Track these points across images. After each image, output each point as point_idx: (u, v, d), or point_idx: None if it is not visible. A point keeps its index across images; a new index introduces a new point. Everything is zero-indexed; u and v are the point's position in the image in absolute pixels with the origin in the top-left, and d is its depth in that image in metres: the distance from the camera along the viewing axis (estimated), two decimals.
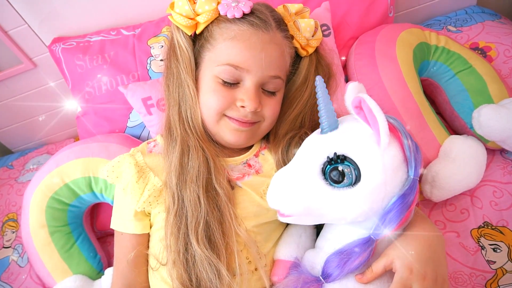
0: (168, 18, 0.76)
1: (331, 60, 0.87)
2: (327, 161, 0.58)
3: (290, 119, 0.78)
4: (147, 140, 0.85)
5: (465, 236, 0.80)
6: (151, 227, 0.75)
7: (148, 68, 1.01)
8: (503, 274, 0.75)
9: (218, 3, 0.72)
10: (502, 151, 0.90)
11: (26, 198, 0.93)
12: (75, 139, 1.30)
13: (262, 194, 0.71)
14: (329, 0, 0.99)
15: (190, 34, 0.74)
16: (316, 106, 0.67)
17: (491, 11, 1.21)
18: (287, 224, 0.75)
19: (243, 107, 0.70)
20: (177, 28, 0.74)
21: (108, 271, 0.85)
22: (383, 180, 0.56)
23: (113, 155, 0.79)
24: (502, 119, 0.80)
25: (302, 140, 0.66)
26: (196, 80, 0.74)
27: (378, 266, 0.58)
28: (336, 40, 0.98)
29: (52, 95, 1.23)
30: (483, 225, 0.80)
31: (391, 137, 0.57)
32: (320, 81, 0.59)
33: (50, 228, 0.90)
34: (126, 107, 1.00)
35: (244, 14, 0.70)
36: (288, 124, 0.78)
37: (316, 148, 0.60)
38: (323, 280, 0.60)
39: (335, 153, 0.57)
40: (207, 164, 0.70)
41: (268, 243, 0.72)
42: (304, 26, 0.77)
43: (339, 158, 0.57)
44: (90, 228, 1.00)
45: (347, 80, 0.98)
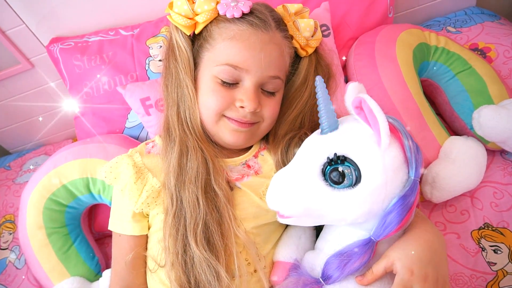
0: (167, 18, 0.75)
1: (331, 61, 0.86)
2: (327, 161, 0.57)
3: (290, 120, 0.77)
4: (146, 140, 0.84)
5: (465, 238, 0.80)
6: (149, 229, 0.74)
7: (146, 68, 1.01)
8: (504, 276, 0.75)
9: (217, 2, 0.72)
10: (502, 152, 0.90)
11: (23, 199, 0.92)
12: (73, 140, 1.30)
13: (262, 195, 0.70)
14: (328, 0, 0.99)
15: (189, 34, 0.74)
16: (315, 107, 0.67)
17: (491, 12, 1.21)
18: (287, 226, 0.74)
19: (242, 107, 0.70)
20: (175, 28, 0.74)
21: (106, 273, 0.84)
22: (383, 181, 0.56)
23: (111, 156, 0.79)
24: (502, 119, 0.80)
25: (302, 140, 0.66)
26: (195, 80, 0.74)
27: (378, 268, 0.57)
28: (335, 41, 0.98)
29: (50, 95, 1.22)
30: (483, 226, 0.80)
31: (391, 137, 0.56)
32: (320, 81, 0.58)
33: (47, 230, 0.89)
34: (124, 107, 1.00)
35: (243, 14, 0.70)
36: (288, 125, 0.77)
37: (316, 148, 0.60)
38: (323, 282, 0.59)
39: (335, 153, 0.57)
40: (206, 165, 0.69)
41: (267, 244, 0.71)
42: (304, 26, 0.77)
43: (339, 159, 0.57)
44: (88, 229, 1.00)
45: (347, 81, 0.98)
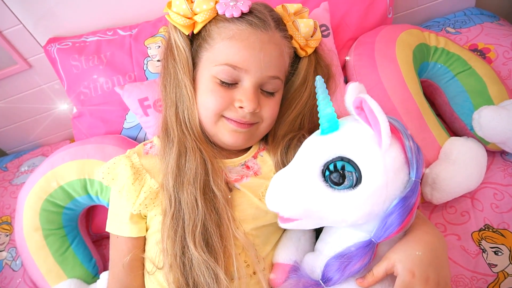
0: (165, 18, 0.75)
1: (330, 61, 0.85)
2: (327, 162, 0.57)
3: (289, 120, 0.77)
4: (144, 141, 0.84)
5: (465, 239, 0.80)
6: (147, 230, 0.74)
7: (145, 68, 1.00)
8: (505, 278, 0.74)
9: (216, 2, 0.71)
10: (502, 153, 0.89)
11: (20, 201, 0.91)
12: (71, 141, 1.29)
13: (261, 196, 0.70)
14: (328, 0, 0.99)
15: (187, 34, 0.73)
16: (315, 107, 0.66)
17: (490, 12, 1.21)
18: None
19: (241, 107, 0.69)
20: (174, 27, 0.73)
21: (104, 275, 0.83)
22: (384, 182, 0.55)
23: (109, 157, 0.78)
24: (502, 120, 0.79)
25: (301, 141, 0.65)
26: (193, 80, 0.73)
27: (379, 270, 0.57)
28: (335, 41, 0.98)
29: (47, 96, 1.22)
30: (484, 227, 0.80)
31: (392, 138, 0.56)
32: (320, 81, 0.58)
33: (44, 231, 0.89)
34: (122, 108, 0.99)
35: (242, 14, 0.70)
36: (287, 125, 0.77)
37: (316, 149, 0.59)
38: (323, 284, 0.59)
39: (335, 154, 0.56)
40: (204, 166, 0.69)
41: (266, 246, 0.71)
42: (303, 26, 0.76)
43: (339, 160, 0.56)
44: (85, 231, 0.99)
45: (346, 81, 0.97)
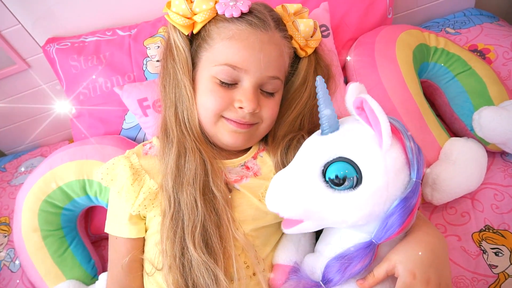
0: (165, 18, 0.74)
1: (330, 61, 0.85)
2: (327, 163, 0.56)
3: (289, 121, 0.76)
4: (143, 142, 0.83)
5: (466, 240, 0.79)
6: (146, 231, 0.73)
7: (144, 69, 1.00)
8: (506, 279, 0.74)
9: (216, 2, 0.71)
10: (502, 154, 0.89)
11: (18, 202, 0.91)
12: (70, 141, 1.29)
13: (261, 197, 0.69)
14: (328, 0, 0.98)
15: (187, 34, 0.73)
16: (315, 108, 0.66)
17: (489, 13, 1.21)
18: None
19: (241, 108, 0.69)
20: (173, 27, 0.73)
21: (103, 276, 0.83)
22: (385, 182, 0.55)
23: (108, 158, 0.78)
24: (503, 121, 0.79)
25: (301, 142, 0.65)
26: (193, 80, 0.73)
27: (380, 271, 0.56)
28: (335, 41, 0.97)
29: (45, 96, 1.21)
30: (484, 228, 0.79)
31: (393, 138, 0.55)
32: (320, 81, 0.57)
33: (43, 232, 0.88)
34: (121, 108, 0.99)
35: (242, 14, 0.69)
36: (287, 126, 0.76)
37: (316, 149, 0.59)
38: (323, 285, 0.58)
39: (335, 155, 0.56)
40: (204, 167, 0.68)
41: (266, 247, 0.70)
42: (303, 27, 0.76)
43: (340, 160, 0.56)
44: (84, 232, 0.98)
45: (346, 82, 0.97)
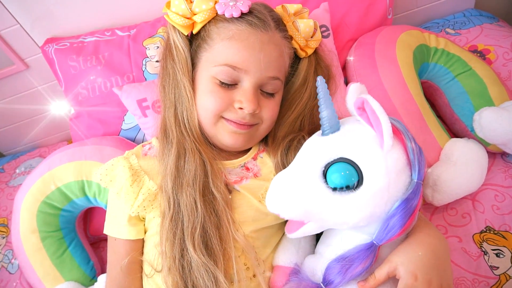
0: (164, 18, 0.74)
1: (330, 62, 0.85)
2: (328, 164, 0.56)
3: (289, 122, 0.76)
4: (142, 142, 0.83)
5: (467, 241, 0.79)
6: (145, 233, 0.73)
7: (143, 69, 0.99)
8: (507, 280, 0.74)
9: (216, 2, 0.71)
10: (503, 155, 0.89)
11: (16, 203, 0.90)
12: (68, 142, 1.28)
13: (261, 198, 0.69)
14: (328, 1, 0.98)
15: (186, 34, 0.73)
16: (315, 108, 0.66)
17: (489, 14, 1.20)
18: None
19: (241, 108, 0.69)
20: (173, 27, 0.73)
21: (101, 278, 0.83)
22: (386, 183, 0.55)
23: (107, 158, 0.77)
24: (503, 121, 0.79)
25: (302, 143, 0.64)
26: (192, 81, 0.73)
27: (381, 273, 0.56)
28: (335, 42, 0.97)
29: (44, 97, 1.21)
30: (485, 229, 0.79)
31: (394, 139, 0.55)
32: (321, 81, 0.57)
33: (41, 233, 0.88)
34: (120, 109, 0.99)
35: (242, 14, 0.69)
36: (287, 127, 0.76)
37: (317, 150, 0.58)
38: (324, 287, 0.58)
39: (336, 155, 0.56)
40: (204, 167, 0.68)
41: (266, 248, 0.70)
42: (303, 27, 0.76)
43: (340, 161, 0.55)
44: (83, 233, 0.98)
45: (347, 82, 0.97)
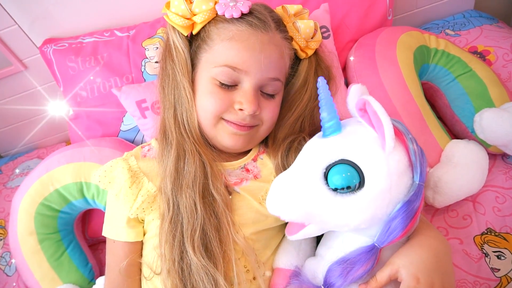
0: (164, 19, 0.74)
1: (331, 63, 0.85)
2: (329, 165, 0.56)
3: (290, 123, 0.76)
4: (141, 144, 0.83)
5: (468, 243, 0.79)
6: (144, 235, 0.72)
7: (142, 70, 0.99)
8: (508, 282, 0.73)
9: (216, 2, 0.70)
10: (503, 156, 0.89)
11: (14, 204, 0.90)
12: (67, 143, 1.28)
13: (261, 200, 0.69)
14: (328, 1, 0.98)
15: (186, 35, 0.72)
16: (316, 109, 0.65)
17: (489, 15, 1.21)
18: None
19: (241, 110, 0.68)
20: (173, 28, 0.72)
21: (100, 280, 0.82)
22: (387, 185, 0.54)
23: (105, 160, 0.77)
24: (504, 123, 0.79)
25: (302, 144, 0.64)
26: (192, 82, 0.72)
27: (382, 275, 0.56)
28: (335, 43, 0.97)
29: (43, 97, 1.20)
30: (486, 231, 0.79)
31: (396, 141, 0.55)
32: (322, 82, 0.57)
33: (39, 236, 0.87)
34: (119, 110, 0.98)
35: (242, 14, 0.69)
36: (288, 128, 0.76)
37: (318, 152, 0.58)
38: None
39: (337, 157, 0.55)
40: (203, 169, 0.68)
41: (267, 250, 0.70)
42: (304, 28, 0.75)
43: (342, 163, 0.55)
44: (82, 235, 0.97)
45: (347, 83, 0.96)
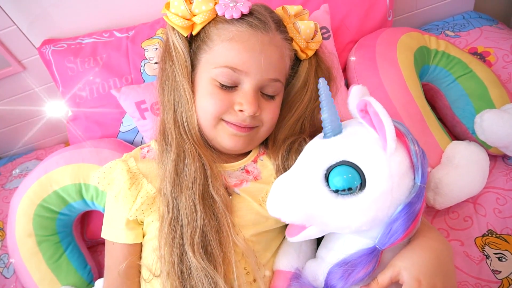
0: (163, 20, 0.73)
1: (331, 64, 0.84)
2: (330, 167, 0.55)
3: (290, 124, 0.75)
4: (141, 145, 0.82)
5: (469, 245, 0.78)
6: (144, 237, 0.72)
7: (142, 71, 0.98)
8: (509, 284, 0.73)
9: (216, 3, 0.70)
10: (504, 157, 0.88)
11: (13, 206, 0.89)
12: (66, 144, 1.27)
13: (261, 202, 0.68)
14: (328, 2, 0.98)
15: (186, 35, 0.72)
16: (316, 111, 0.65)
17: (488, 16, 1.21)
18: None
19: (241, 111, 0.68)
20: (172, 29, 0.72)
21: (99, 283, 0.82)
22: (389, 187, 0.54)
23: (104, 161, 0.76)
24: (505, 124, 0.78)
25: (302, 145, 0.64)
26: (192, 83, 0.72)
27: (384, 278, 0.55)
28: (335, 43, 0.97)
29: (41, 98, 1.20)
30: (487, 233, 0.78)
31: (397, 142, 0.54)
32: (323, 83, 0.56)
33: (37, 237, 0.87)
34: (118, 111, 0.98)
35: (242, 15, 0.68)
36: (288, 129, 0.75)
37: (319, 153, 0.58)
38: None
39: (338, 158, 0.55)
40: (203, 170, 0.67)
41: (267, 252, 0.69)
42: (304, 28, 0.75)
43: (343, 164, 0.55)
44: (80, 237, 0.97)
45: (347, 84, 0.96)
